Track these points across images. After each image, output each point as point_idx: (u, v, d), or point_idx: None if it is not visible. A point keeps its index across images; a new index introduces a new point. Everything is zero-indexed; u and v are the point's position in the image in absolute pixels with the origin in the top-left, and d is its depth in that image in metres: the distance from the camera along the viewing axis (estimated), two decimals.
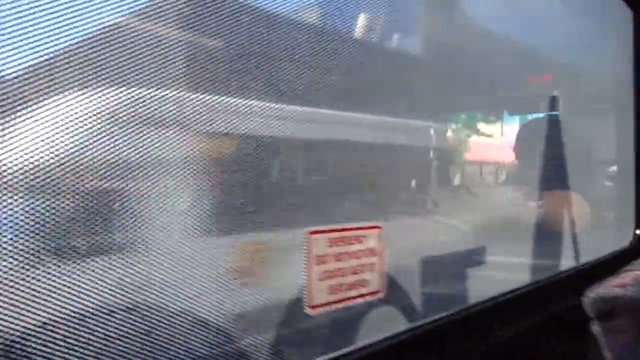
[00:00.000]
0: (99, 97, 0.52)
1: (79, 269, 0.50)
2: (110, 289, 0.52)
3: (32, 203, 0.48)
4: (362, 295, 0.77)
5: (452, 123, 1.42)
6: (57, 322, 0.48)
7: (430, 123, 1.07)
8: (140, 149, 0.55)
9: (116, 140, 0.54)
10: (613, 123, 2.30)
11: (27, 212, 0.47)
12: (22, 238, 0.47)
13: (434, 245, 0.99)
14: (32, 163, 0.47)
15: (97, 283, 0.51)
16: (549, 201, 1.80)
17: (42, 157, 0.48)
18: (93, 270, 0.51)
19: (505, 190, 1.52)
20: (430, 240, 0.99)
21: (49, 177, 0.48)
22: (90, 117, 0.52)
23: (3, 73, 0.45)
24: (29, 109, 0.47)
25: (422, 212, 0.99)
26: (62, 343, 0.49)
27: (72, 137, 0.50)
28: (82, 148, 0.51)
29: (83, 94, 0.51)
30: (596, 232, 2.07)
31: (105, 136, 0.53)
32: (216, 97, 0.63)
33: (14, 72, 0.45)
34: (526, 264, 1.41)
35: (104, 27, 0.53)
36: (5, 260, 0.46)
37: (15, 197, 0.47)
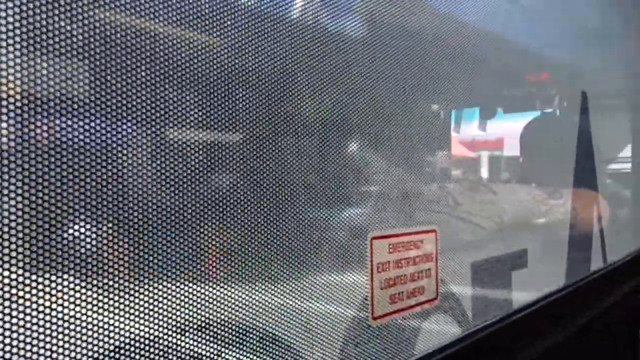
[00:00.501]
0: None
1: None
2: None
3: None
4: (420, 304, 0.74)
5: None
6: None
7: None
8: None
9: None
10: (630, 118, 2.29)
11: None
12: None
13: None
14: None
15: None
16: (569, 200, 1.77)
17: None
18: None
19: (525, 189, 1.49)
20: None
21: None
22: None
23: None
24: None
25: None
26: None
27: None
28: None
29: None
30: (617, 230, 2.05)
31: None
32: None
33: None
34: (554, 266, 1.38)
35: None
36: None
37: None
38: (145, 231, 0.45)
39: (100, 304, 0.41)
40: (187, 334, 0.47)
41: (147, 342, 0.44)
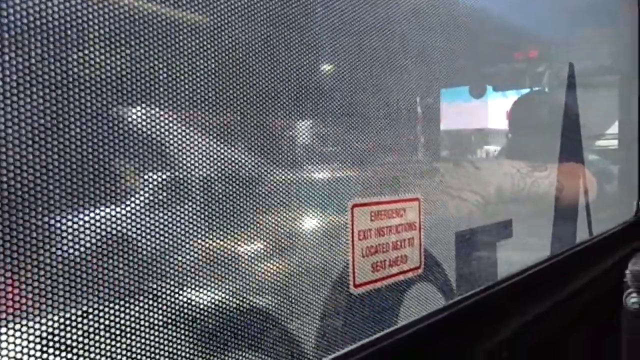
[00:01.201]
0: None
1: None
2: None
3: None
4: (403, 272, 0.73)
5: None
6: None
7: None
8: None
9: None
10: (617, 94, 2.29)
11: None
12: None
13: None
14: None
15: None
16: (553, 175, 1.78)
17: None
18: None
19: (510, 164, 1.49)
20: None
21: None
22: None
23: None
24: None
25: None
26: None
27: None
28: None
29: None
30: (602, 206, 2.06)
31: None
32: None
33: None
34: (541, 237, 1.39)
35: None
36: None
37: None
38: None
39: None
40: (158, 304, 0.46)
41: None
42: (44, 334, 0.38)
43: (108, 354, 0.42)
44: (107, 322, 0.42)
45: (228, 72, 0.54)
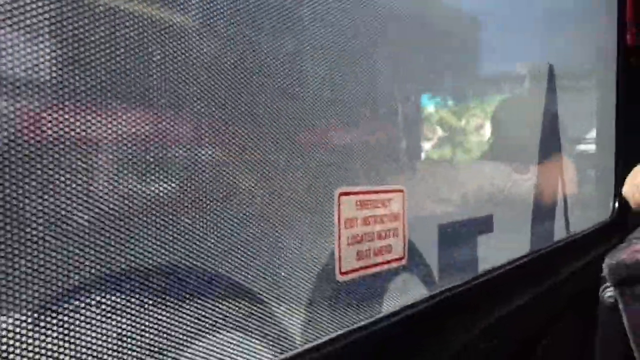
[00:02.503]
0: None
1: None
2: None
3: None
4: (387, 262, 0.74)
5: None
6: None
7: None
8: None
9: None
10: (595, 98, 2.33)
11: None
12: None
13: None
14: None
15: None
16: (531, 176, 1.81)
17: None
18: None
19: (490, 165, 1.52)
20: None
21: None
22: None
23: None
24: None
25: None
26: None
27: None
28: None
29: None
30: (580, 206, 2.10)
31: None
32: None
33: None
34: (521, 234, 1.41)
35: None
36: None
37: None
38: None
39: None
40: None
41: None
42: None
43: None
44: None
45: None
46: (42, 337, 0.38)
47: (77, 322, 0.40)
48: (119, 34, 0.44)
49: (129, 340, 0.44)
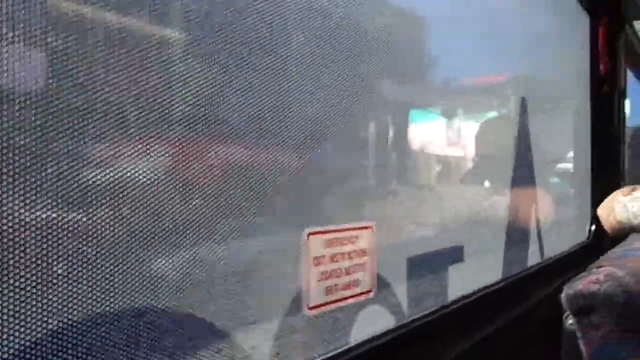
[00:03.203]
0: None
1: None
2: None
3: None
4: (355, 295, 0.79)
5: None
6: None
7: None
8: None
9: None
10: (571, 121, 2.41)
11: None
12: None
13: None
14: None
15: None
16: (508, 199, 1.86)
17: None
18: None
19: (464, 187, 1.57)
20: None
21: None
22: None
23: None
24: None
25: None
26: None
27: None
28: None
29: None
30: (557, 229, 2.15)
31: None
32: None
33: None
34: (491, 261, 1.46)
35: None
36: None
37: None
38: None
39: None
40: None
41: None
42: None
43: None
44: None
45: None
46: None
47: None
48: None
49: None
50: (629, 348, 0.82)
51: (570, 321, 0.90)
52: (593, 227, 2.08)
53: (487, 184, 1.72)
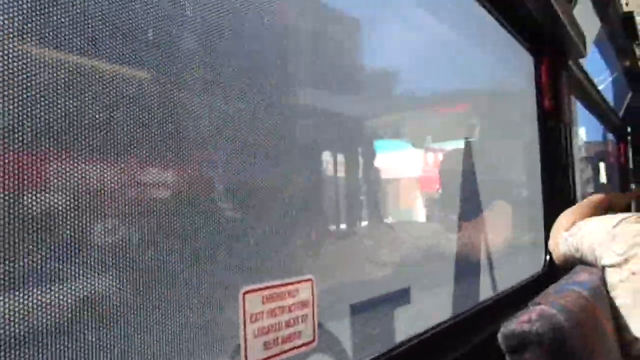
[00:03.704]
0: None
1: None
2: None
3: None
4: (297, 347, 0.82)
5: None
6: None
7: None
8: None
9: None
10: (523, 152, 2.50)
11: None
12: None
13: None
14: None
15: None
16: (464, 229, 1.91)
17: None
18: None
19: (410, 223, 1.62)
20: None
21: None
22: None
23: None
24: None
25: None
26: None
27: None
28: None
29: None
30: (513, 259, 2.21)
31: None
32: None
33: None
34: (440, 300, 1.50)
35: None
36: None
37: None
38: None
39: None
40: None
41: None
42: None
43: None
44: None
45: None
46: None
47: None
48: None
49: None
50: None
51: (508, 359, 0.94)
52: (547, 258, 2.15)
53: (437, 216, 1.77)
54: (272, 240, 0.84)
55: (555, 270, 2.08)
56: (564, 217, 1.53)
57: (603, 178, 4.22)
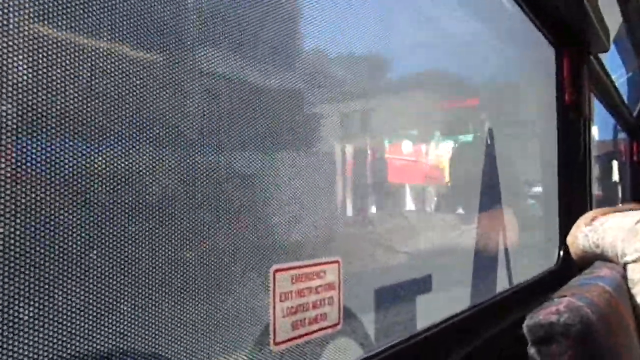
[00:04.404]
0: None
1: None
2: None
3: None
4: (323, 329, 0.81)
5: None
6: None
7: None
8: None
9: None
10: (541, 148, 2.48)
11: None
12: None
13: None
14: None
15: None
16: (477, 227, 1.90)
17: None
18: None
19: (433, 213, 1.61)
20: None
21: None
22: None
23: None
24: None
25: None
26: None
27: None
28: None
29: None
30: (528, 254, 2.20)
31: None
32: None
33: None
34: (460, 289, 1.49)
35: None
36: None
37: None
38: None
39: None
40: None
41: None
42: None
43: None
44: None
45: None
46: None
47: None
48: None
49: None
50: None
51: (532, 350, 0.93)
52: (562, 253, 2.13)
53: (457, 211, 1.76)
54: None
55: (568, 266, 2.06)
56: (586, 213, 1.52)
57: (615, 176, 4.19)
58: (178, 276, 0.62)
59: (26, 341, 0.46)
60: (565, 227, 2.04)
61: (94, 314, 0.53)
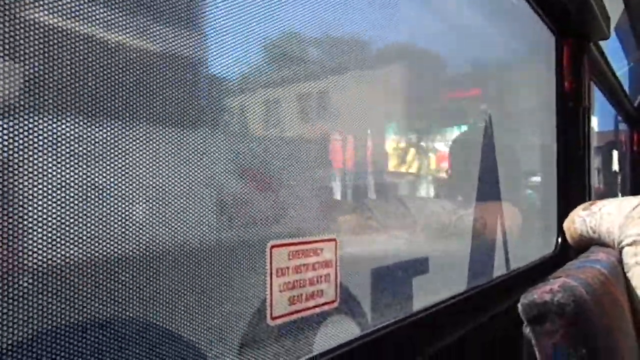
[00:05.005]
0: None
1: None
2: None
3: None
4: (319, 306, 0.82)
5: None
6: None
7: None
8: None
9: None
10: (541, 135, 2.48)
11: None
12: None
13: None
14: None
15: None
16: (477, 213, 1.90)
17: None
18: None
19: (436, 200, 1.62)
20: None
21: None
22: None
23: None
24: None
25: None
26: None
27: None
28: None
29: None
30: (527, 240, 2.21)
31: None
32: None
33: None
34: (457, 273, 1.50)
35: None
36: None
37: None
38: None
39: None
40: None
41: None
42: None
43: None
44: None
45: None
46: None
47: None
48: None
49: None
50: (578, 355, 0.86)
51: (527, 330, 0.94)
52: (560, 240, 2.14)
53: (456, 197, 1.76)
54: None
55: (566, 252, 2.08)
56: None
57: (615, 166, 4.19)
58: (174, 253, 0.63)
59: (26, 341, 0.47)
60: (563, 215, 2.04)
61: (96, 297, 0.54)
